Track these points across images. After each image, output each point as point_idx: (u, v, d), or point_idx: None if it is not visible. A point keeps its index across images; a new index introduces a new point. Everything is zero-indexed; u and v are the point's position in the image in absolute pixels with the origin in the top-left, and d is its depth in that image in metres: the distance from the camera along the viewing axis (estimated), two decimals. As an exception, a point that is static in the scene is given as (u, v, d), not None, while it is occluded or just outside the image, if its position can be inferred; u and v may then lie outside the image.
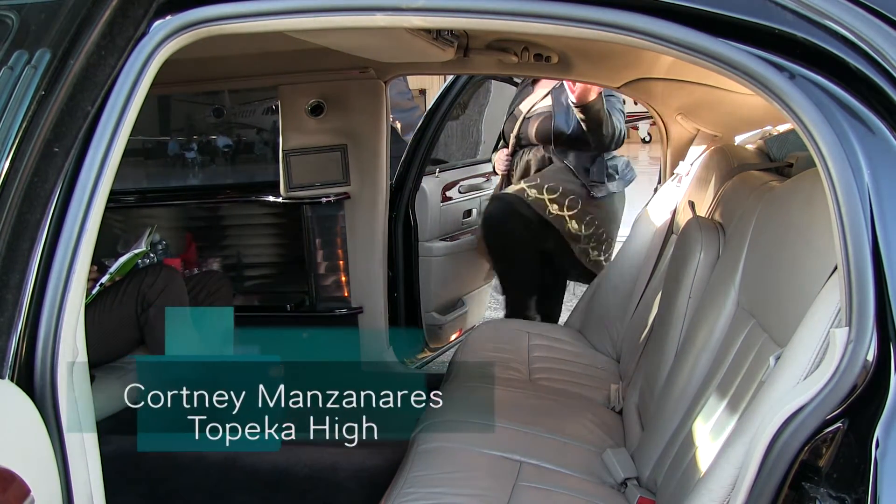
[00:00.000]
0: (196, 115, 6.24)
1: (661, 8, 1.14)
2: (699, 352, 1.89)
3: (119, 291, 2.82)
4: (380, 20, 1.26)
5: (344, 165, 3.42)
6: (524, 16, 1.20)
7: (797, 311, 1.31)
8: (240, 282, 3.90)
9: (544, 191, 3.49)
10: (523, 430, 2.25)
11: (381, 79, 3.36)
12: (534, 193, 3.49)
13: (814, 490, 1.03)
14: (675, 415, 1.90)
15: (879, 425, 0.99)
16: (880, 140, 1.05)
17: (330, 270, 3.54)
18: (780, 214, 1.68)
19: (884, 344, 1.02)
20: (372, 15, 1.24)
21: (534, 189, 3.50)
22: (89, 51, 1.19)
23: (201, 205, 3.90)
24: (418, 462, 2.03)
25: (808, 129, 1.09)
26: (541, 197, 3.48)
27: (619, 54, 2.83)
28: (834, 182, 1.06)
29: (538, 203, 3.48)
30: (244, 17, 1.26)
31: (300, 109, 3.38)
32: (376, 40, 2.13)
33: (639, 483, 2.00)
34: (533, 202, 3.48)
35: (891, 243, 1.03)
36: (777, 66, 1.11)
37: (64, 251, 1.18)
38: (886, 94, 1.05)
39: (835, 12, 1.07)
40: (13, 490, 1.06)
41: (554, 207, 3.49)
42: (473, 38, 2.83)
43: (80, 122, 1.18)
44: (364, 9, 1.24)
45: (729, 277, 1.87)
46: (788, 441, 1.07)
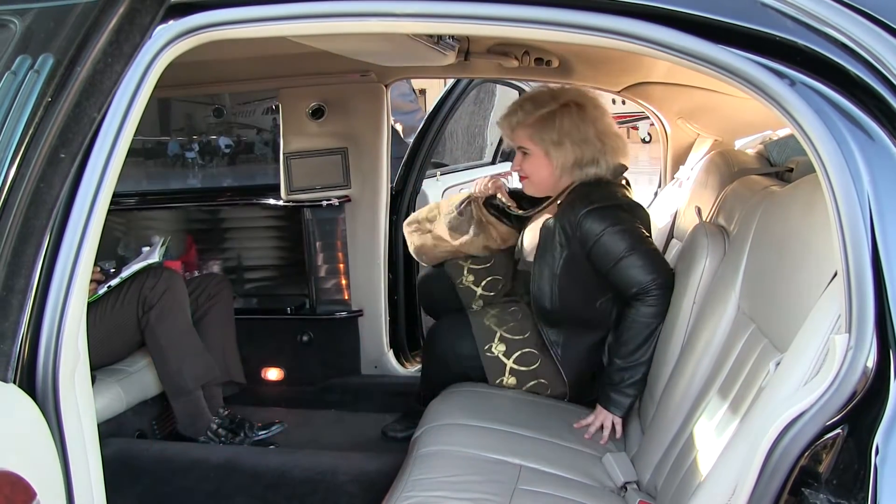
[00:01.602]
0: (196, 116, 6.26)
1: (661, 14, 1.15)
2: (700, 356, 1.90)
3: (120, 294, 2.82)
4: (375, 26, 1.27)
5: (345, 168, 3.42)
6: (522, 22, 1.20)
7: (797, 317, 1.31)
8: (240, 284, 3.90)
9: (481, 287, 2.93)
10: (523, 434, 2.26)
11: (382, 82, 3.37)
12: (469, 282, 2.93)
13: (813, 496, 1.03)
14: (676, 419, 1.90)
15: (879, 432, 0.99)
16: (880, 147, 1.06)
17: (330, 273, 3.55)
18: (781, 220, 1.68)
19: (883, 351, 1.02)
20: (367, 20, 1.25)
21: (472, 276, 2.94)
22: (96, 58, 1.19)
23: (202, 207, 3.90)
24: (418, 465, 2.04)
25: (808, 136, 1.09)
26: (474, 290, 2.93)
27: (620, 58, 2.83)
28: (834, 188, 1.07)
29: (467, 291, 2.94)
30: (245, 23, 1.26)
31: (301, 113, 3.38)
32: (377, 45, 2.13)
33: (639, 487, 2.01)
34: (462, 290, 2.94)
35: (890, 250, 1.03)
36: (777, 72, 1.11)
37: (66, 256, 1.18)
38: (886, 101, 1.05)
39: (835, 19, 1.07)
40: (20, 493, 1.06)
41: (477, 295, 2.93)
42: (474, 42, 2.84)
43: (86, 128, 1.19)
44: (361, 14, 1.25)
45: (729, 282, 1.88)
46: (788, 447, 1.07)
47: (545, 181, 2.57)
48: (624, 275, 2.34)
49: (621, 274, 2.35)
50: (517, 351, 2.55)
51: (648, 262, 2.33)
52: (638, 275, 2.32)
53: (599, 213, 2.36)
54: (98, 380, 2.72)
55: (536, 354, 2.54)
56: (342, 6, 1.24)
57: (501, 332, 2.58)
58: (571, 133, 2.51)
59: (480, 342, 2.57)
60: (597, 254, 2.36)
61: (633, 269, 2.33)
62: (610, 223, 2.35)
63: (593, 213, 2.37)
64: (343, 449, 2.97)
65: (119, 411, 2.82)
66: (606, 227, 2.34)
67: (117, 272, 2.88)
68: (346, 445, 3.06)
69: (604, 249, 2.35)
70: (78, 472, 1.19)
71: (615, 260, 2.34)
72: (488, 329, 2.60)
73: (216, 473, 2.64)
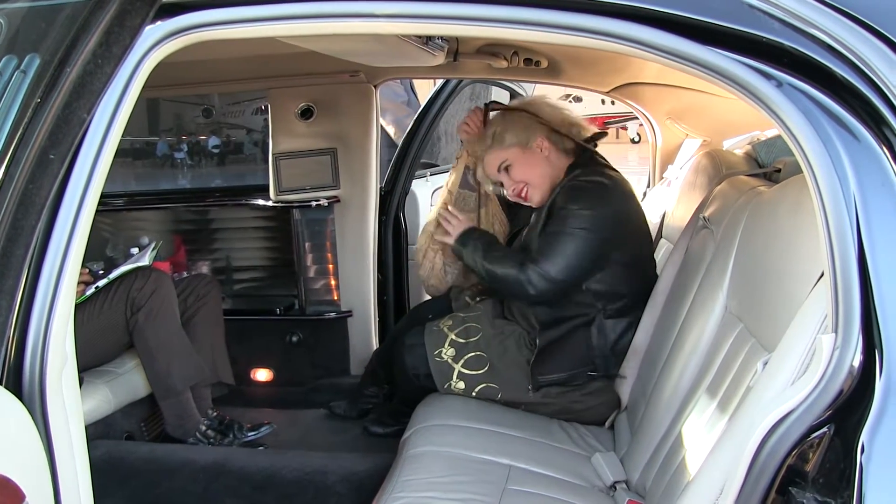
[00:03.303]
0: (185, 116, 6.23)
1: (649, 16, 1.15)
2: (688, 356, 1.90)
3: (108, 295, 2.80)
4: (364, 27, 1.27)
5: (334, 169, 3.42)
6: (508, 22, 1.20)
7: (784, 317, 1.31)
8: (229, 285, 3.89)
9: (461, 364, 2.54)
10: (512, 434, 2.26)
11: (372, 83, 3.37)
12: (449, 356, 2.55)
13: (800, 494, 1.04)
14: (665, 419, 1.91)
15: (865, 430, 1.00)
16: (865, 148, 1.06)
17: (319, 274, 3.54)
18: (768, 220, 1.69)
19: (869, 350, 1.02)
20: (356, 21, 1.25)
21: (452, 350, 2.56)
22: (86, 59, 1.19)
23: (190, 208, 3.88)
24: (408, 466, 2.04)
25: (795, 137, 1.10)
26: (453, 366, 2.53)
27: (609, 59, 2.85)
28: (820, 189, 1.07)
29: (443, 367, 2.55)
30: (234, 23, 1.26)
31: (290, 113, 3.38)
32: (366, 45, 2.13)
33: (628, 487, 2.01)
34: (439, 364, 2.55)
35: (876, 251, 1.04)
36: (764, 74, 1.12)
37: (54, 257, 1.18)
38: (871, 102, 1.06)
39: (821, 21, 1.08)
40: (9, 496, 1.05)
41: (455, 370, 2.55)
42: (463, 42, 2.84)
43: (75, 129, 1.18)
44: (349, 15, 1.24)
45: (717, 282, 1.88)
46: (776, 446, 1.08)
47: (544, 174, 2.53)
48: (544, 242, 2.35)
49: (544, 241, 2.36)
50: (466, 354, 2.52)
51: (569, 257, 2.32)
52: (551, 254, 2.32)
53: (577, 191, 2.38)
54: (86, 381, 2.71)
55: (485, 358, 2.49)
56: (331, 7, 1.24)
57: (453, 335, 2.56)
58: (517, 121, 2.54)
59: (430, 348, 2.55)
60: (552, 217, 2.38)
61: (555, 247, 2.33)
62: (581, 206, 2.34)
63: (573, 189, 2.39)
64: (332, 450, 2.96)
65: (107, 413, 2.80)
66: (576, 208, 2.34)
67: (106, 273, 2.87)
68: (335, 446, 3.06)
69: (559, 216, 2.36)
70: (65, 474, 1.18)
71: (554, 231, 2.35)
72: (439, 333, 2.58)
73: (205, 475, 2.63)
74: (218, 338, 3.10)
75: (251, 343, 3.52)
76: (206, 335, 3.04)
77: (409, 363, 2.59)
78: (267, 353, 3.58)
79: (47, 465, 1.16)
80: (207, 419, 2.97)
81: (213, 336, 3.08)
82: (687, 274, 2.16)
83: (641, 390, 2.21)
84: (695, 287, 2.04)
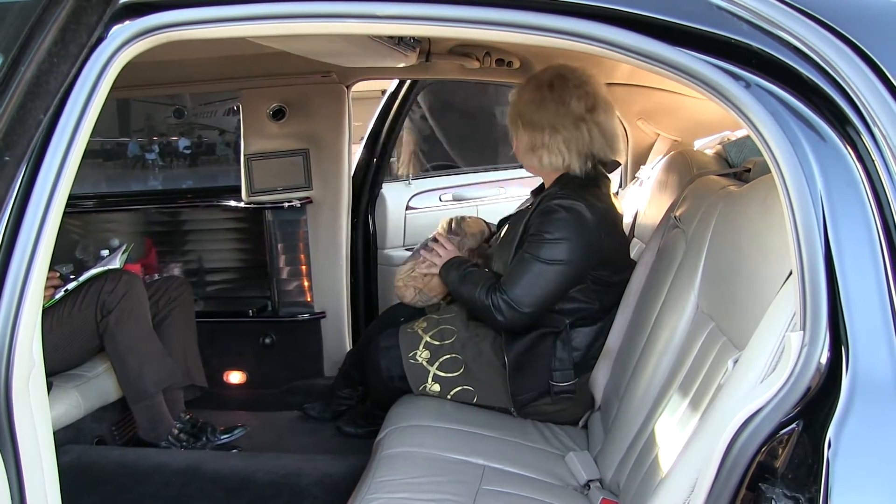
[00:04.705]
0: (156, 116, 6.17)
1: (618, 17, 1.15)
2: (660, 355, 1.92)
3: (78, 298, 2.77)
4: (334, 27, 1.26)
5: (306, 170, 3.41)
6: (478, 23, 1.20)
7: (754, 315, 1.33)
8: (201, 287, 3.86)
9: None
10: (486, 434, 2.26)
11: (344, 83, 3.37)
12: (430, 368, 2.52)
13: (770, 490, 1.05)
14: (638, 417, 1.92)
15: (832, 426, 1.02)
16: (831, 148, 1.08)
17: (292, 275, 3.53)
18: (738, 219, 1.71)
19: (836, 347, 1.04)
20: (326, 22, 1.24)
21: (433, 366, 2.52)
22: (40, 58, 1.17)
23: (162, 209, 3.85)
24: (382, 467, 2.03)
25: (763, 137, 1.11)
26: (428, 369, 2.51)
27: (580, 59, 2.85)
28: (788, 189, 1.09)
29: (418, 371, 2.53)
30: (204, 23, 1.25)
31: (262, 114, 3.36)
32: (338, 45, 2.12)
33: (601, 485, 2.02)
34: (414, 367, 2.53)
35: (843, 249, 1.05)
36: (733, 74, 1.13)
37: (20, 260, 1.16)
38: (836, 103, 1.08)
39: (788, 23, 1.09)
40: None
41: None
42: (435, 43, 2.84)
43: (31, 130, 1.16)
44: (320, 16, 1.24)
45: (688, 280, 1.90)
46: (746, 443, 1.09)
47: (525, 163, 2.50)
48: (516, 269, 2.30)
49: (517, 266, 2.30)
50: (442, 357, 2.50)
51: (540, 287, 2.27)
52: (522, 283, 2.27)
53: (554, 217, 2.28)
54: (55, 386, 2.67)
55: (461, 360, 2.48)
56: (301, 7, 1.24)
57: (427, 337, 2.54)
58: (524, 113, 2.41)
59: (405, 350, 2.53)
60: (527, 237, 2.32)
61: (526, 277, 2.28)
62: (557, 236, 2.27)
63: (551, 213, 2.29)
64: (307, 452, 2.95)
65: (77, 417, 2.77)
66: (550, 237, 2.27)
67: (75, 276, 2.83)
68: (309, 448, 3.05)
69: (534, 241, 2.30)
70: (32, 481, 1.17)
71: (527, 257, 2.29)
72: (413, 335, 2.56)
73: (178, 479, 2.61)
74: (190, 340, 3.07)
75: (224, 345, 3.50)
76: (178, 338, 3.01)
77: (384, 365, 2.57)
78: (240, 355, 3.55)
79: (14, 473, 1.14)
80: (180, 422, 2.95)
81: (186, 338, 3.05)
82: (658, 273, 2.17)
83: (614, 389, 2.22)
84: (666, 286, 2.05)
